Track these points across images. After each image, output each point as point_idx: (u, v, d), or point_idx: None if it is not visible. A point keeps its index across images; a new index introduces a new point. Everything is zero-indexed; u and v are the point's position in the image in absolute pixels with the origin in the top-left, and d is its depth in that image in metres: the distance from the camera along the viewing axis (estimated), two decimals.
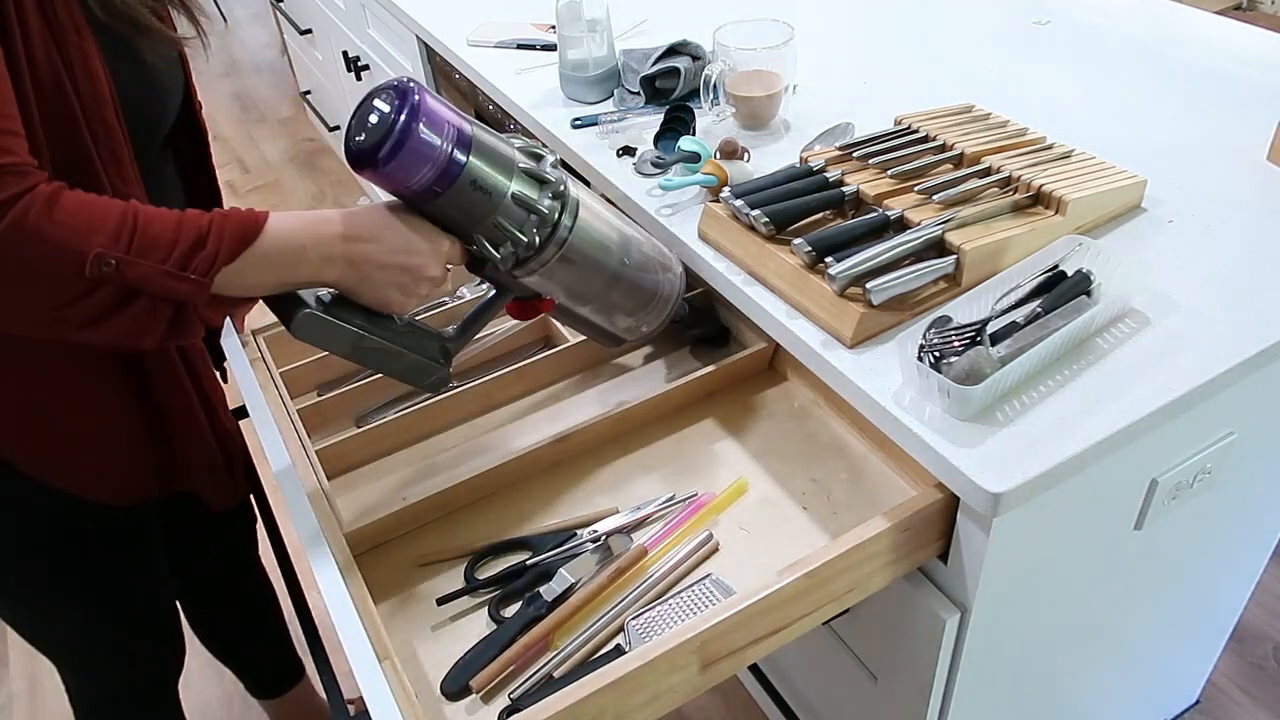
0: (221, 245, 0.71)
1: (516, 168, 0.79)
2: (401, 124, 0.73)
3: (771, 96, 1.21)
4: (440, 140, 0.74)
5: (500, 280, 0.87)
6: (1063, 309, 0.86)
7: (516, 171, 0.79)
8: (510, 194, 0.79)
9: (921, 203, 0.96)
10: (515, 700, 0.79)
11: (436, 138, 0.74)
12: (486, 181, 0.77)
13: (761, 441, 1.00)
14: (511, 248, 0.80)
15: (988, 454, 0.78)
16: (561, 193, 0.82)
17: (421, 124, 0.73)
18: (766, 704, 1.50)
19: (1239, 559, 1.26)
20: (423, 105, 0.74)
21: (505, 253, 0.80)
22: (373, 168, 0.74)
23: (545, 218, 0.81)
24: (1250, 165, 1.10)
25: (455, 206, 0.78)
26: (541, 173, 0.81)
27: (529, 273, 0.84)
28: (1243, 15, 2.87)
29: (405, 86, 0.75)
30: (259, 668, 1.51)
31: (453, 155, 0.75)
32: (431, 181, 0.75)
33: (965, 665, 0.93)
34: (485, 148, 0.78)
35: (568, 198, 0.83)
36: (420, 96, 0.74)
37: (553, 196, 0.81)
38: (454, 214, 0.79)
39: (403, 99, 0.74)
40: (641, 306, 0.95)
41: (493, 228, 0.79)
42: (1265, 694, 1.57)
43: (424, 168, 0.74)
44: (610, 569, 0.87)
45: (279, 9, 3.01)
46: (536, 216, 0.80)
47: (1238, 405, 0.94)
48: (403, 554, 0.92)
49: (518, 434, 1.04)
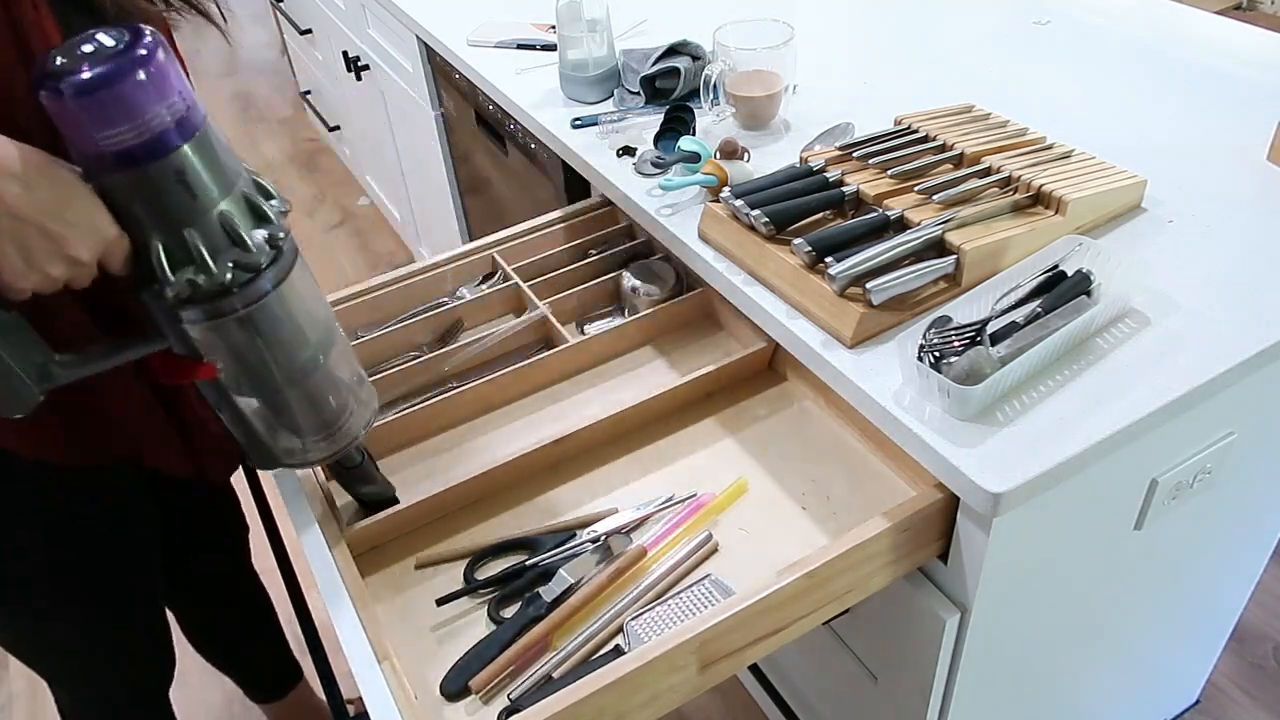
0: None
1: (238, 188, 0.67)
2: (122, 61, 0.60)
3: (771, 96, 1.21)
4: (158, 103, 0.61)
5: (155, 315, 0.70)
6: (1063, 309, 0.86)
7: (236, 192, 0.67)
8: (218, 210, 0.66)
9: (921, 203, 0.96)
10: (515, 701, 0.79)
11: (155, 97, 0.61)
12: (194, 180, 0.64)
13: (761, 442, 1.00)
14: (191, 274, 0.65)
15: (988, 454, 0.78)
16: (279, 240, 0.69)
17: (144, 72, 0.60)
18: (766, 704, 1.50)
19: (1239, 559, 1.26)
20: (155, 58, 0.61)
21: (180, 279, 0.65)
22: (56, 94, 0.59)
23: (247, 257, 0.67)
24: (1250, 165, 1.10)
25: (144, 194, 0.64)
26: (263, 207, 0.68)
27: (199, 319, 0.69)
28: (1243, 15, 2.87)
29: (142, 33, 0.62)
30: (257, 671, 1.51)
31: (166, 128, 0.62)
32: (127, 146, 0.61)
33: (965, 665, 0.93)
34: (209, 147, 0.65)
35: (283, 254, 0.70)
36: (158, 50, 0.62)
37: (268, 240, 0.69)
38: (136, 205, 0.64)
39: (135, 39, 0.61)
40: (317, 427, 0.80)
41: (181, 240, 0.65)
42: (1265, 694, 1.57)
43: (125, 123, 0.60)
44: (610, 569, 0.87)
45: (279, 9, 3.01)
46: (237, 250, 0.67)
47: (1238, 405, 0.94)
48: (402, 554, 0.92)
49: (517, 434, 1.04)
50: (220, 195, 0.66)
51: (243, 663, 1.49)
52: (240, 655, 1.48)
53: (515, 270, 1.19)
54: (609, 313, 1.19)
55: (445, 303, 1.18)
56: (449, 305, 1.17)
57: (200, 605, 1.36)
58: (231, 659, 1.48)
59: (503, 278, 1.20)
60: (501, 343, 1.12)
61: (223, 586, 1.36)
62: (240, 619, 1.42)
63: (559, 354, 1.08)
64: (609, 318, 1.18)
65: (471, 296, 1.18)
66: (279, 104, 3.82)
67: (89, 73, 0.59)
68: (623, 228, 1.26)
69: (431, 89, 1.87)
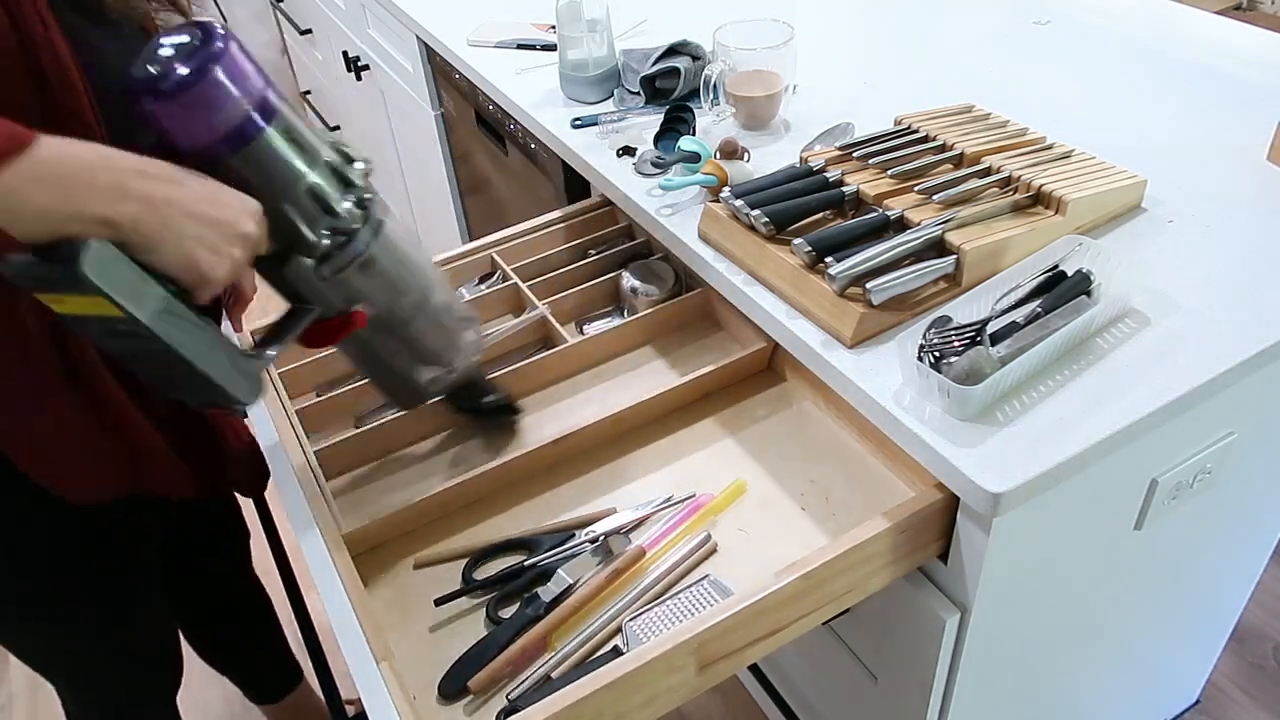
0: None
1: (321, 159, 0.73)
2: (207, 51, 0.65)
3: (771, 96, 1.20)
4: (239, 93, 0.66)
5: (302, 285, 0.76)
6: (1063, 309, 0.86)
7: (320, 163, 0.73)
8: (307, 183, 0.72)
9: (921, 203, 0.95)
10: (513, 701, 0.79)
11: (236, 88, 0.66)
12: (282, 159, 0.70)
13: (760, 442, 1.00)
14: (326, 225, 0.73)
15: (988, 454, 0.78)
16: (367, 201, 0.76)
17: (223, 66, 0.65)
18: (766, 704, 1.50)
19: (1239, 559, 1.26)
20: (229, 51, 0.66)
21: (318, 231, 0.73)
22: (162, 97, 0.64)
23: (340, 221, 0.74)
24: (1250, 165, 1.09)
25: (261, 164, 0.69)
26: (347, 173, 0.74)
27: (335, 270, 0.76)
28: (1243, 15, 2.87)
29: (211, 27, 0.67)
30: (258, 674, 1.51)
31: (250, 114, 0.67)
32: (223, 136, 0.66)
33: (965, 665, 0.93)
34: (290, 126, 0.71)
35: (372, 213, 0.77)
36: (229, 43, 0.66)
37: (356, 203, 0.75)
38: (255, 179, 0.70)
39: (207, 37, 0.66)
40: (445, 348, 0.90)
41: (303, 202, 0.72)
42: (1265, 694, 1.57)
43: (216, 115, 0.66)
44: (608, 570, 0.86)
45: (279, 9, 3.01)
46: (330, 218, 0.73)
47: (1238, 405, 0.93)
48: (401, 554, 0.92)
49: (517, 434, 1.04)
50: (308, 167, 0.71)
51: (243, 665, 1.49)
52: (241, 658, 1.48)
53: (514, 270, 1.19)
54: (608, 313, 1.19)
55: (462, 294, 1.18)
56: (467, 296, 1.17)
57: (201, 609, 1.36)
58: (232, 662, 1.47)
59: (502, 278, 1.20)
60: (501, 343, 1.12)
61: (223, 591, 1.36)
62: (241, 623, 1.42)
63: (558, 354, 1.08)
64: (608, 318, 1.18)
65: (471, 296, 1.17)
66: None
67: (185, 68, 0.64)
68: (622, 228, 1.26)
69: (431, 89, 1.87)
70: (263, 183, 0.69)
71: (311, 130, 0.73)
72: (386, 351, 0.86)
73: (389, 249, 0.78)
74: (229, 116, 0.66)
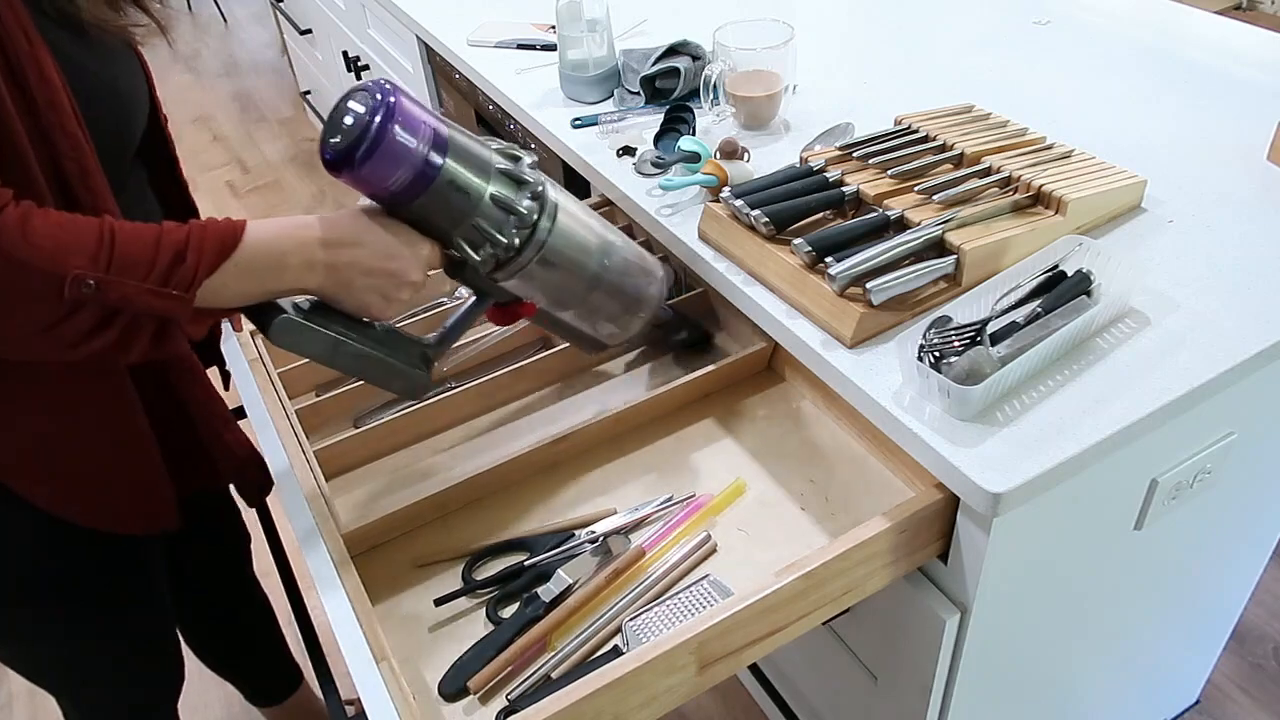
0: (202, 259, 0.70)
1: (494, 169, 0.79)
2: (377, 125, 0.72)
3: (771, 96, 1.20)
4: (416, 142, 0.73)
5: (480, 285, 0.86)
6: (1063, 309, 0.86)
7: (494, 173, 0.79)
8: (489, 195, 0.78)
9: (921, 203, 0.95)
10: (513, 701, 0.78)
11: (412, 139, 0.73)
12: (464, 183, 0.77)
13: (760, 442, 1.00)
14: (491, 249, 0.80)
15: (988, 454, 0.78)
16: (540, 194, 0.81)
17: (397, 125, 0.72)
18: (766, 704, 1.50)
19: (1239, 559, 1.26)
20: (398, 106, 0.73)
21: (485, 255, 0.80)
22: (349, 170, 0.73)
23: (524, 218, 0.80)
24: (1250, 165, 1.09)
25: (433, 209, 0.77)
26: (519, 173, 0.80)
27: (509, 275, 0.83)
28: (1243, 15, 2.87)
29: (380, 87, 0.74)
30: (258, 678, 1.51)
31: (429, 157, 0.74)
32: (408, 183, 0.74)
33: (965, 665, 0.93)
34: (462, 149, 0.77)
35: (546, 199, 0.82)
36: (396, 98, 0.73)
37: (531, 197, 0.80)
38: (432, 217, 0.78)
39: (378, 100, 0.73)
40: (624, 310, 0.95)
41: (472, 230, 0.79)
42: (1265, 694, 1.57)
43: (400, 169, 0.73)
44: (608, 570, 0.86)
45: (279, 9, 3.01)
46: (515, 218, 0.79)
47: (1238, 405, 0.93)
48: (400, 555, 0.92)
49: (516, 434, 1.04)
50: (485, 183, 0.78)
51: (244, 669, 1.49)
52: (241, 662, 1.47)
53: None
54: None
55: (444, 303, 1.18)
56: (448, 305, 1.17)
57: (202, 614, 1.36)
58: (233, 665, 1.47)
59: None
60: (500, 343, 1.12)
61: (224, 596, 1.36)
62: (241, 628, 1.42)
63: (558, 354, 1.08)
64: None
65: None
66: (279, 104, 3.82)
67: (363, 148, 0.71)
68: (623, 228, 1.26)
69: (431, 89, 1.87)
70: (450, 208, 0.77)
71: (477, 140, 0.79)
72: (565, 318, 0.93)
73: (563, 232, 0.84)
74: (411, 166, 0.73)
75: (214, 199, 3.24)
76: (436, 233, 0.80)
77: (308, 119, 3.57)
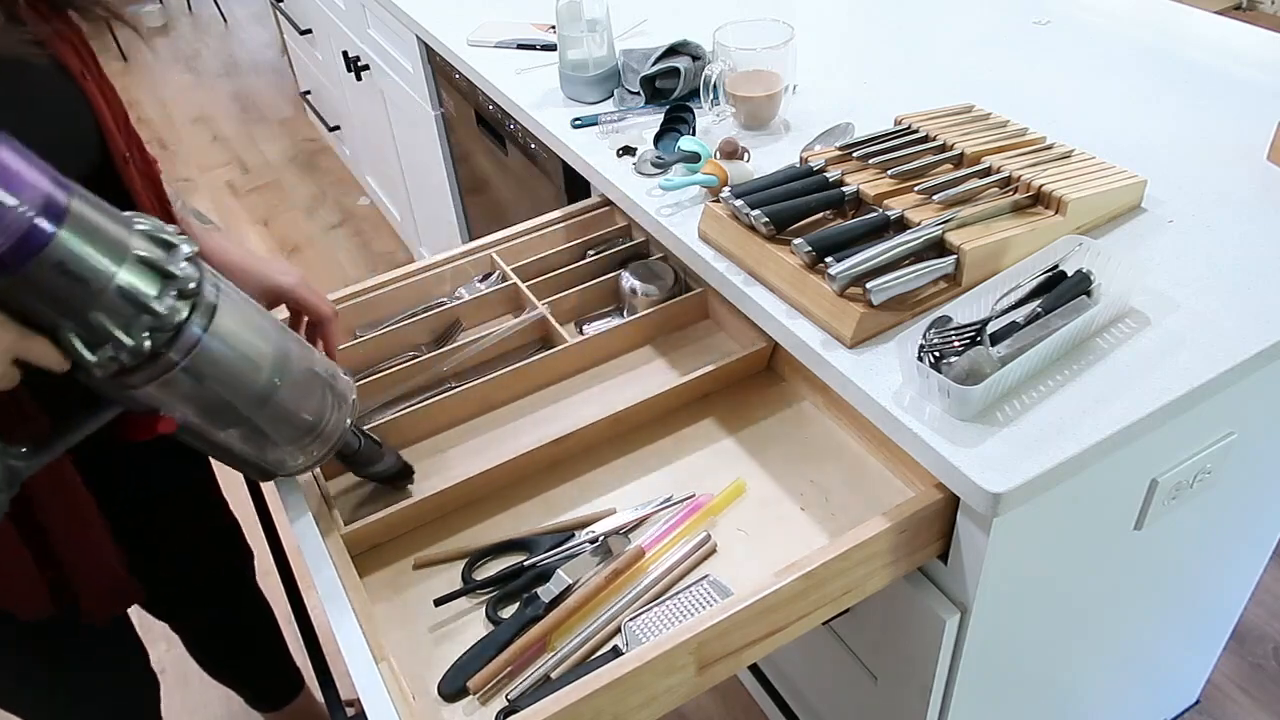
0: None
1: (130, 254, 0.63)
2: None
3: (771, 96, 1.20)
4: (15, 201, 0.58)
5: (102, 390, 0.68)
6: (1063, 309, 0.86)
7: (130, 258, 0.63)
8: (115, 285, 0.62)
9: (921, 203, 0.95)
10: (513, 701, 0.78)
11: (10, 196, 0.57)
12: (81, 265, 0.61)
13: (760, 442, 1.00)
14: (112, 352, 0.64)
15: (988, 454, 0.78)
16: (192, 291, 0.66)
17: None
18: (766, 704, 1.50)
19: (1239, 559, 1.26)
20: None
21: (103, 357, 0.64)
22: None
23: (161, 320, 0.65)
24: (1250, 165, 1.09)
25: (33, 291, 0.61)
26: (165, 265, 0.65)
27: (140, 384, 0.67)
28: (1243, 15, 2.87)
29: None
30: (259, 686, 1.51)
31: (34, 222, 0.58)
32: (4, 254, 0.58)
33: (965, 665, 0.93)
34: (85, 222, 0.61)
35: (202, 299, 0.67)
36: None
37: (179, 295, 0.66)
38: (31, 300, 0.61)
39: None
40: (300, 434, 0.80)
41: (90, 325, 0.63)
42: (1265, 694, 1.57)
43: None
44: (608, 570, 0.86)
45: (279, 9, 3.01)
46: (150, 317, 0.64)
47: (1238, 405, 0.93)
48: (400, 555, 0.92)
49: (516, 434, 1.04)
50: (115, 265, 0.63)
51: (245, 678, 1.48)
52: (243, 672, 1.47)
53: (514, 270, 1.19)
54: (608, 313, 1.19)
55: (444, 303, 1.18)
56: (448, 305, 1.17)
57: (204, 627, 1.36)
58: (235, 675, 1.47)
59: (501, 278, 1.20)
60: (500, 343, 1.12)
61: (226, 610, 1.35)
62: (243, 639, 1.42)
63: (558, 354, 1.08)
64: (608, 318, 1.17)
65: (470, 297, 1.17)
66: (279, 104, 3.82)
67: None
68: (622, 228, 1.26)
69: (431, 89, 1.87)
70: (61, 292, 0.61)
71: (116, 219, 0.64)
72: (222, 439, 0.77)
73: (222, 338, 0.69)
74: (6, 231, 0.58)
75: (214, 199, 3.25)
76: (40, 320, 0.63)
77: (308, 119, 3.57)
